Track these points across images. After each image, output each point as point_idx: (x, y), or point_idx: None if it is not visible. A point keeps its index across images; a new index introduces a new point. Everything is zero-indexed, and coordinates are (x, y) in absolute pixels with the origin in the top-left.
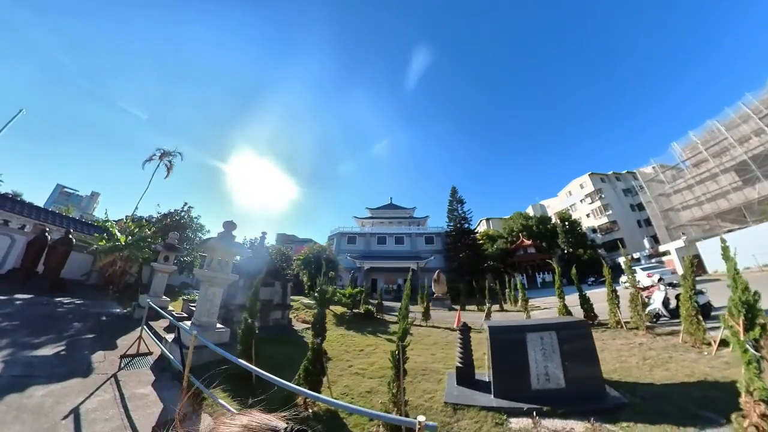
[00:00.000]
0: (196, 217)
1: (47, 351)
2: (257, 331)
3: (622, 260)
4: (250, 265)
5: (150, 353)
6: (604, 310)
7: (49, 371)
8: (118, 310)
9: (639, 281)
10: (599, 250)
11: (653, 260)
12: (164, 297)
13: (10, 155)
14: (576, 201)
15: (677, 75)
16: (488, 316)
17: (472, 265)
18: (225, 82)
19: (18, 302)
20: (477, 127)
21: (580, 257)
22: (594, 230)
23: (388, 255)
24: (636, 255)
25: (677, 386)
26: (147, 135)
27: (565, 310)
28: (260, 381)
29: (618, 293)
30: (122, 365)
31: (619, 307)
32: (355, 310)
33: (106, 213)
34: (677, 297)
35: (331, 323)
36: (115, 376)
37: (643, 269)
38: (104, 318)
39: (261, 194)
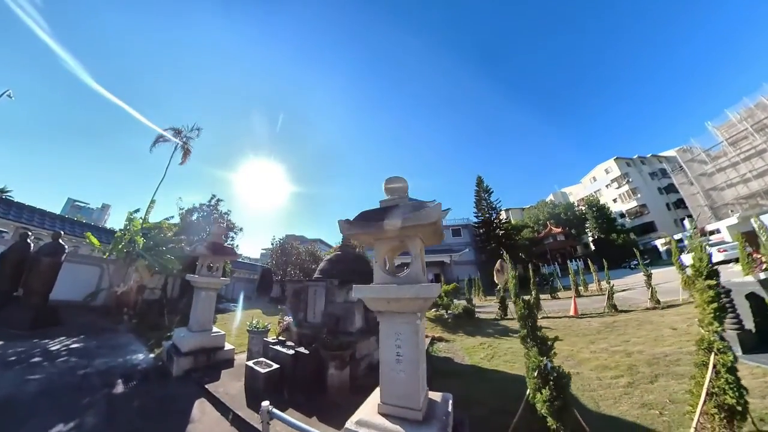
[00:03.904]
0: (226, 213)
1: None
2: None
3: (659, 242)
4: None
5: None
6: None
7: None
8: (140, 358)
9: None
10: (630, 235)
11: (685, 242)
12: (215, 329)
13: (23, 172)
14: (601, 186)
15: (684, 63)
16: (611, 297)
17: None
18: (219, 81)
19: None
20: (484, 121)
21: (614, 242)
22: (622, 215)
23: None
24: (677, 236)
25: None
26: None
27: (691, 281)
28: None
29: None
30: None
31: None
32: (450, 311)
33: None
34: None
35: (439, 329)
36: None
37: (711, 245)
38: (119, 388)
39: (263, 198)
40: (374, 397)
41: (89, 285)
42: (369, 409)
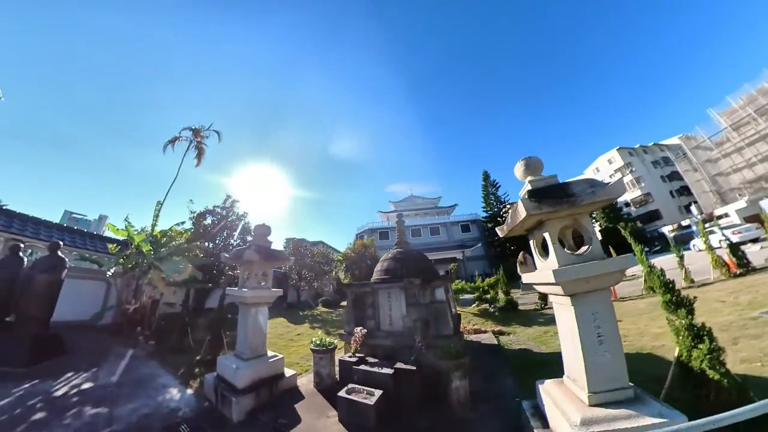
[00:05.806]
0: (243, 215)
1: None
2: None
3: (666, 230)
4: None
5: None
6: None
7: None
8: (176, 398)
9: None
10: (636, 223)
11: (707, 224)
12: (270, 352)
13: (20, 186)
14: (605, 177)
15: (682, 53)
16: (647, 280)
17: (514, 249)
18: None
19: None
20: (484, 118)
21: (621, 231)
22: (627, 204)
23: (426, 247)
24: (684, 222)
25: None
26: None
27: (722, 261)
28: None
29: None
30: None
31: None
32: (494, 305)
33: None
34: None
35: (491, 323)
36: None
37: (725, 228)
38: None
39: (261, 201)
40: (562, 397)
41: (94, 302)
42: (570, 408)
